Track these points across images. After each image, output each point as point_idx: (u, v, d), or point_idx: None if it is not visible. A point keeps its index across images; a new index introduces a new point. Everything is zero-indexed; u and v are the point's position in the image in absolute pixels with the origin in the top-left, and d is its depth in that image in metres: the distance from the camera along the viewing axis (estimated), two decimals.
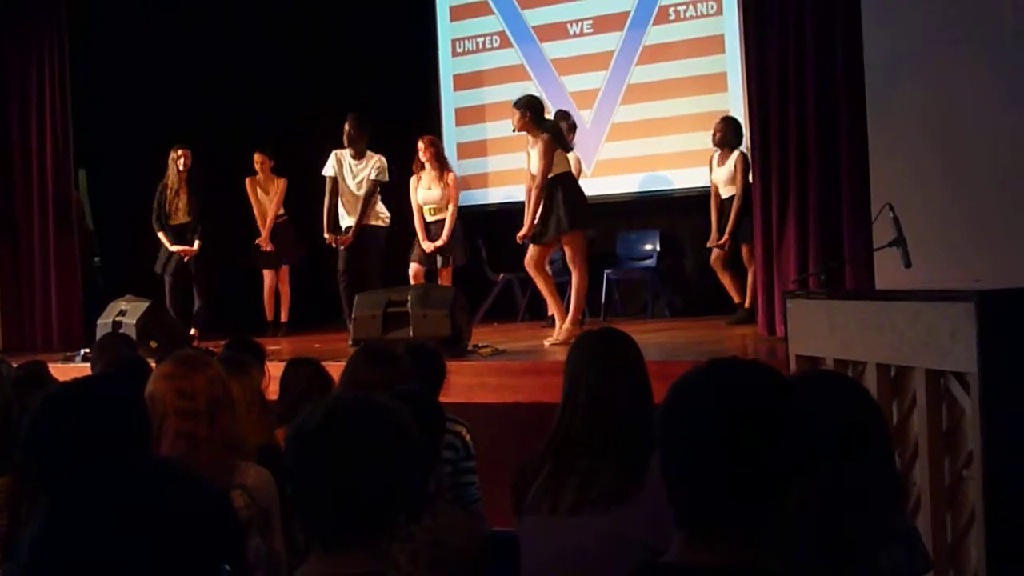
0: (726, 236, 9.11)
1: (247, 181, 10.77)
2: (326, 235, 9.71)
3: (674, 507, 1.89)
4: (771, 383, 1.92)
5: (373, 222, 9.59)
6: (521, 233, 8.30)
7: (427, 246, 9.60)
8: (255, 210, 10.75)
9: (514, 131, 8.43)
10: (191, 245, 10.17)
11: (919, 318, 4.38)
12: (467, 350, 7.84)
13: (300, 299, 11.04)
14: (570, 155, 8.74)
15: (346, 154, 9.65)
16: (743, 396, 1.88)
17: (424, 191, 9.71)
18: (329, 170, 9.69)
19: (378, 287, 8.87)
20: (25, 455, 2.82)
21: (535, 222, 8.21)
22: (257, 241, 10.70)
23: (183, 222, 10.28)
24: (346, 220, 9.63)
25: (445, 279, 9.65)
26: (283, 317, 10.80)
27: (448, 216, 9.63)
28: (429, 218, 9.72)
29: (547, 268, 8.57)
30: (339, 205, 9.68)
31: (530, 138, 8.32)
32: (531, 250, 8.29)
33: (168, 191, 10.27)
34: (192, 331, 9.98)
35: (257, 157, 10.77)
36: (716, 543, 1.85)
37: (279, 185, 10.76)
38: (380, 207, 9.67)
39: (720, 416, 1.86)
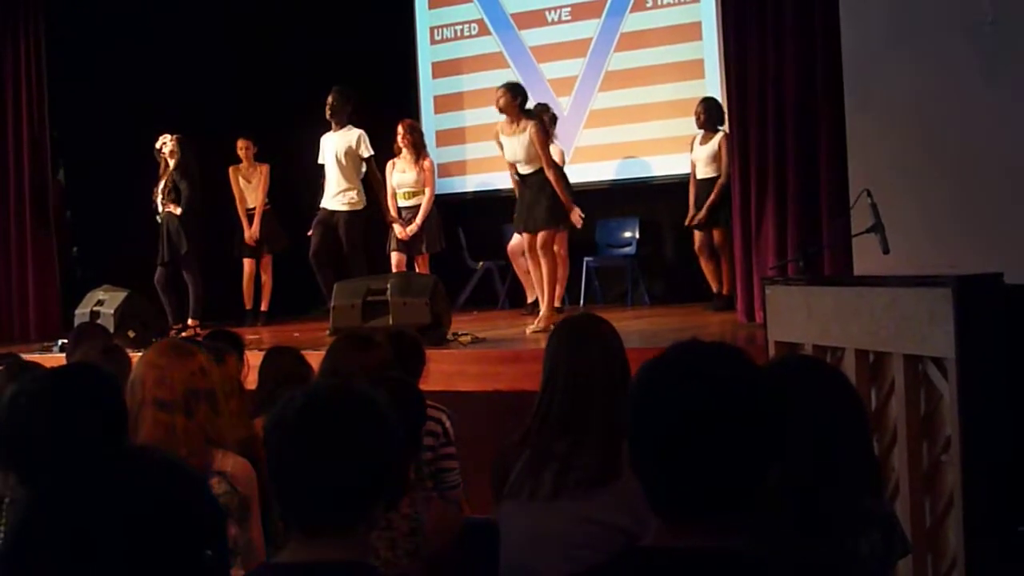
0: (703, 212, 9.11)
1: (230, 170, 10.71)
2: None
3: (647, 494, 1.88)
4: (739, 364, 1.89)
5: (358, 207, 9.51)
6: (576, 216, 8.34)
7: (399, 231, 9.57)
8: (236, 199, 10.68)
9: (499, 111, 8.38)
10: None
11: (897, 304, 4.40)
12: (447, 338, 7.84)
13: (279, 288, 11.00)
14: (553, 147, 8.77)
15: (329, 134, 9.56)
16: (710, 379, 1.85)
17: (399, 175, 9.69)
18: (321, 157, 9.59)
19: (363, 273, 8.81)
20: (2, 445, 2.81)
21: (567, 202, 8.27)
22: (248, 233, 10.61)
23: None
24: (329, 201, 9.49)
25: (422, 266, 9.62)
26: (263, 306, 10.75)
27: (424, 201, 9.60)
28: (403, 202, 9.69)
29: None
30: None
31: (507, 125, 8.30)
32: (544, 235, 8.30)
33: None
34: (191, 322, 9.93)
35: (241, 143, 10.71)
36: (693, 528, 1.84)
37: (263, 172, 10.69)
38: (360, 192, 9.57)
39: (688, 400, 1.83)
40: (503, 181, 9.60)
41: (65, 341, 7.56)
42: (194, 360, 3.43)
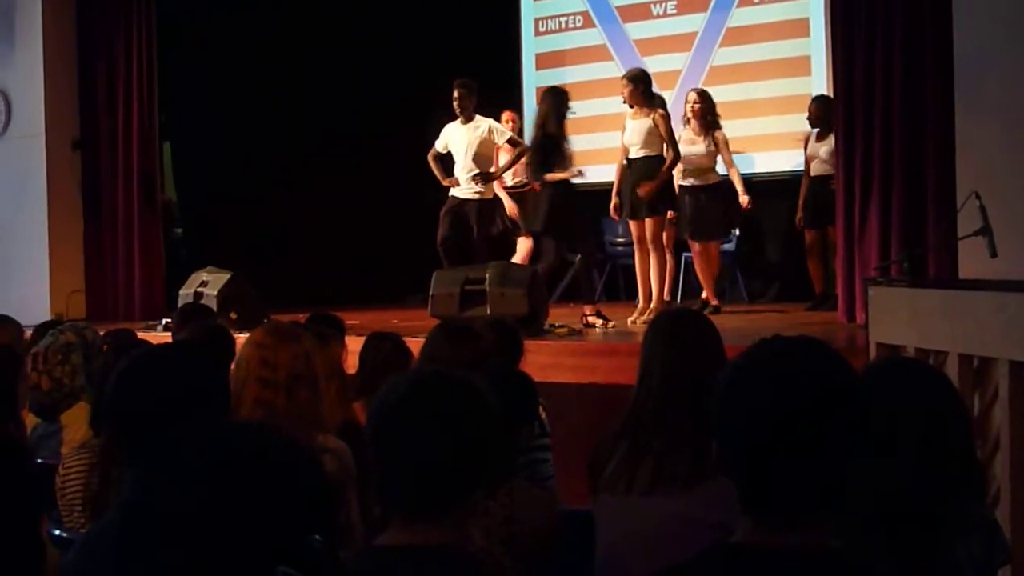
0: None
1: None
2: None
3: (738, 489, 1.88)
4: (822, 358, 1.88)
5: (488, 197, 9.37)
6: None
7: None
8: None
9: (624, 103, 8.50)
10: None
11: (1004, 308, 4.33)
12: (543, 329, 7.86)
13: (378, 273, 11.08)
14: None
15: (455, 124, 9.55)
16: (794, 375, 1.84)
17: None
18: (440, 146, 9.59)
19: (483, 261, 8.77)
20: (108, 417, 2.87)
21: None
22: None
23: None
24: (460, 190, 9.33)
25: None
26: None
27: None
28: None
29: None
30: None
31: (631, 111, 8.39)
32: (652, 224, 8.36)
33: None
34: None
35: (507, 115, 10.28)
36: (782, 525, 1.83)
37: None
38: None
39: (772, 397, 1.83)
40: (601, 174, 9.55)
41: (169, 320, 7.71)
42: (299, 344, 3.48)
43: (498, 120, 9.68)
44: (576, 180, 8.66)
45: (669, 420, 3.08)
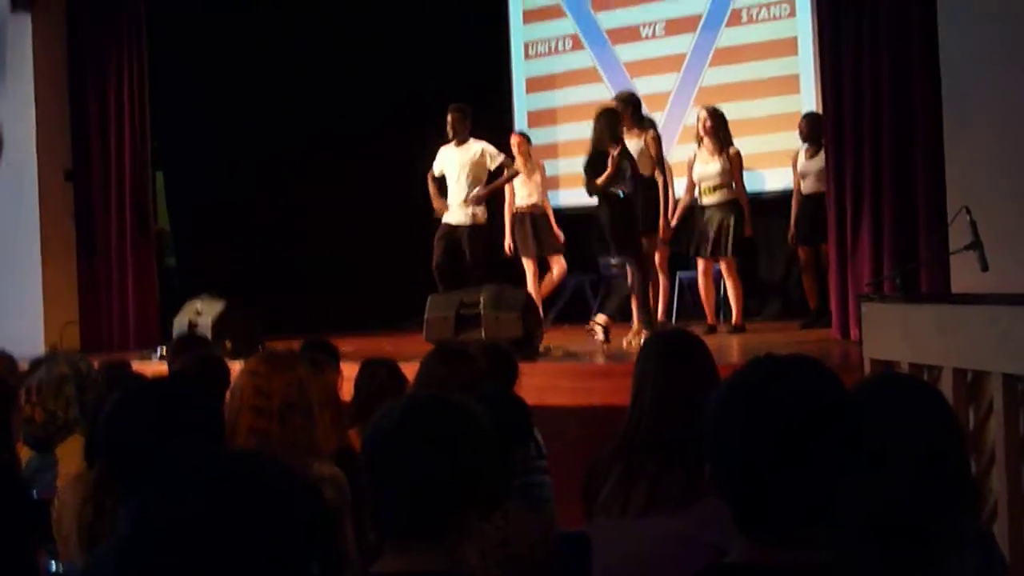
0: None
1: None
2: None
3: (732, 509, 1.88)
4: (813, 376, 1.89)
5: (481, 222, 9.53)
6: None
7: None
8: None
9: None
10: None
11: (996, 322, 4.34)
12: (539, 352, 7.86)
13: (373, 298, 11.09)
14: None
15: (449, 147, 9.61)
16: (786, 394, 1.85)
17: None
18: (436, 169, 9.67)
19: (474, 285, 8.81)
20: (103, 448, 2.87)
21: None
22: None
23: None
24: (452, 215, 9.48)
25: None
26: None
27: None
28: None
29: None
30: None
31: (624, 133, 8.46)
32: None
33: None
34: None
35: (515, 139, 10.28)
36: (777, 543, 1.84)
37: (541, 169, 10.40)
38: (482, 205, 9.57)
39: (763, 416, 1.83)
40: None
41: (164, 350, 7.71)
42: (293, 372, 3.49)
43: (507, 142, 9.74)
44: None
45: (663, 441, 3.08)
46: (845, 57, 7.92)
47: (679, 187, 9.37)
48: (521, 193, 10.04)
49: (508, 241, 10.02)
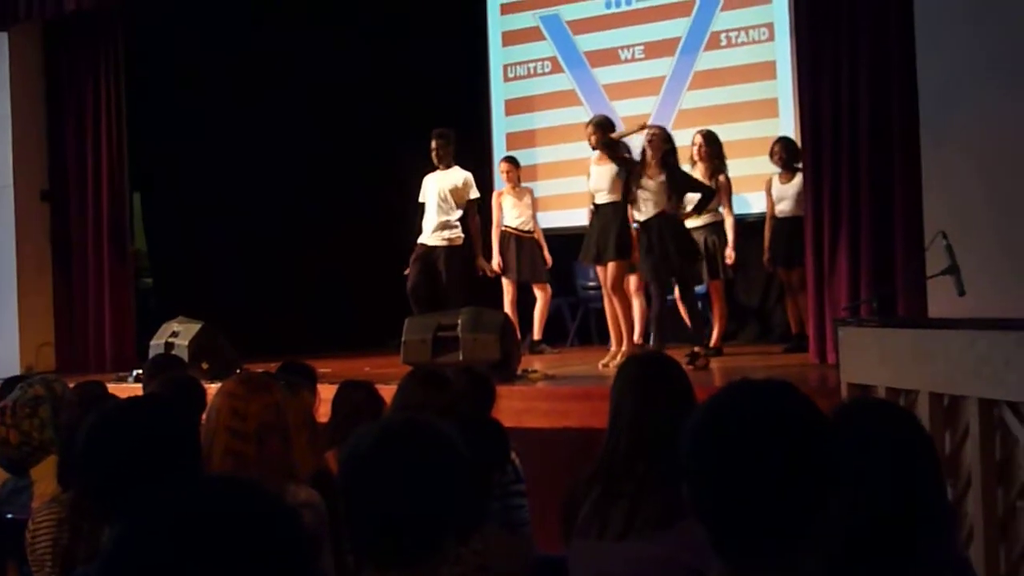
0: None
1: (495, 194, 10.50)
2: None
3: (708, 532, 1.88)
4: (788, 401, 1.90)
5: (457, 244, 9.51)
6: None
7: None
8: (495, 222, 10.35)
9: (592, 147, 8.55)
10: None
11: (973, 347, 4.35)
12: (516, 374, 7.85)
13: (352, 321, 11.07)
14: None
15: (433, 174, 9.61)
16: (760, 418, 1.85)
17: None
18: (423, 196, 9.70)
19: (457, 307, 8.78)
20: (80, 471, 2.86)
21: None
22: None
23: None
24: (428, 237, 9.48)
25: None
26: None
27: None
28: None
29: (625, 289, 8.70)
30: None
31: (600, 157, 8.44)
32: (615, 269, 8.37)
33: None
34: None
35: (503, 166, 10.47)
36: (754, 567, 1.83)
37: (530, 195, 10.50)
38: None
39: (739, 441, 1.83)
40: (573, 218, 9.63)
41: (140, 371, 7.68)
42: (270, 394, 3.48)
43: (486, 162, 9.78)
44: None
45: (640, 464, 3.08)
46: (823, 81, 7.95)
47: None
48: (511, 215, 10.13)
49: (497, 259, 10.02)
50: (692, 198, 8.70)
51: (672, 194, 8.31)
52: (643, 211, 8.33)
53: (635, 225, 8.54)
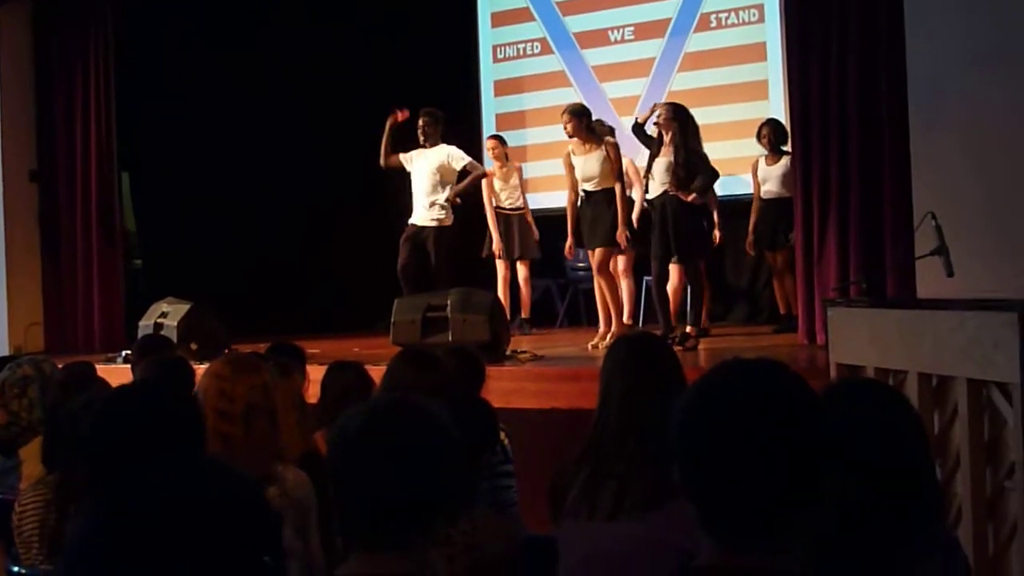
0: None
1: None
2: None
3: (697, 514, 1.88)
4: (780, 380, 1.89)
5: (447, 223, 9.47)
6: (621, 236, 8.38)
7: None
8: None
9: (569, 136, 8.47)
10: None
11: (962, 327, 4.36)
12: (505, 355, 7.85)
13: (344, 302, 11.05)
14: (626, 160, 8.91)
15: (419, 150, 9.55)
16: (752, 398, 1.85)
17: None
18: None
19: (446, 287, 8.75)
20: (83, 456, 2.86)
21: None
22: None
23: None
24: (418, 217, 9.44)
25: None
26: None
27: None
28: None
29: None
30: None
31: (578, 146, 8.37)
32: (601, 252, 8.38)
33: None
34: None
35: (490, 143, 10.43)
36: (744, 548, 1.83)
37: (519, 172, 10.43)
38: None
39: (729, 420, 1.83)
40: (562, 199, 9.60)
41: (129, 352, 7.67)
42: (258, 375, 3.46)
43: (476, 144, 9.75)
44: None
45: (629, 444, 3.08)
46: (812, 63, 7.95)
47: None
48: (501, 196, 10.10)
49: (498, 242, 9.98)
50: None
51: (677, 173, 8.28)
52: (651, 190, 8.36)
53: (645, 204, 8.59)
